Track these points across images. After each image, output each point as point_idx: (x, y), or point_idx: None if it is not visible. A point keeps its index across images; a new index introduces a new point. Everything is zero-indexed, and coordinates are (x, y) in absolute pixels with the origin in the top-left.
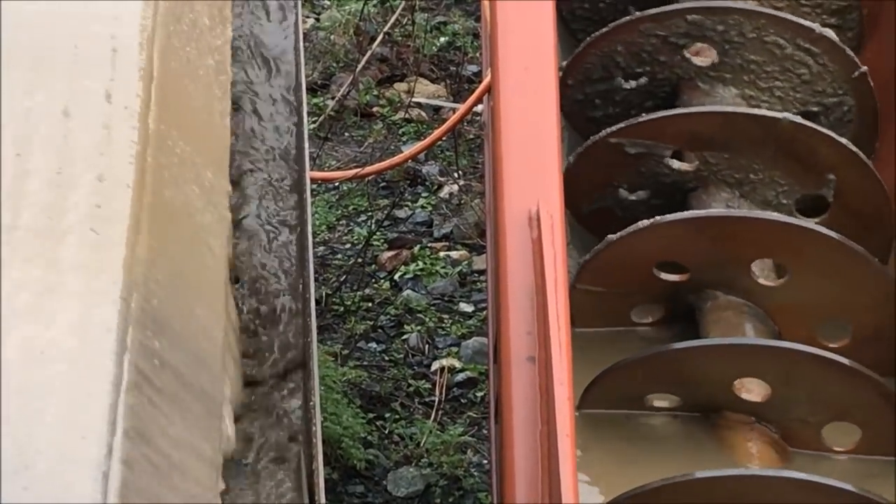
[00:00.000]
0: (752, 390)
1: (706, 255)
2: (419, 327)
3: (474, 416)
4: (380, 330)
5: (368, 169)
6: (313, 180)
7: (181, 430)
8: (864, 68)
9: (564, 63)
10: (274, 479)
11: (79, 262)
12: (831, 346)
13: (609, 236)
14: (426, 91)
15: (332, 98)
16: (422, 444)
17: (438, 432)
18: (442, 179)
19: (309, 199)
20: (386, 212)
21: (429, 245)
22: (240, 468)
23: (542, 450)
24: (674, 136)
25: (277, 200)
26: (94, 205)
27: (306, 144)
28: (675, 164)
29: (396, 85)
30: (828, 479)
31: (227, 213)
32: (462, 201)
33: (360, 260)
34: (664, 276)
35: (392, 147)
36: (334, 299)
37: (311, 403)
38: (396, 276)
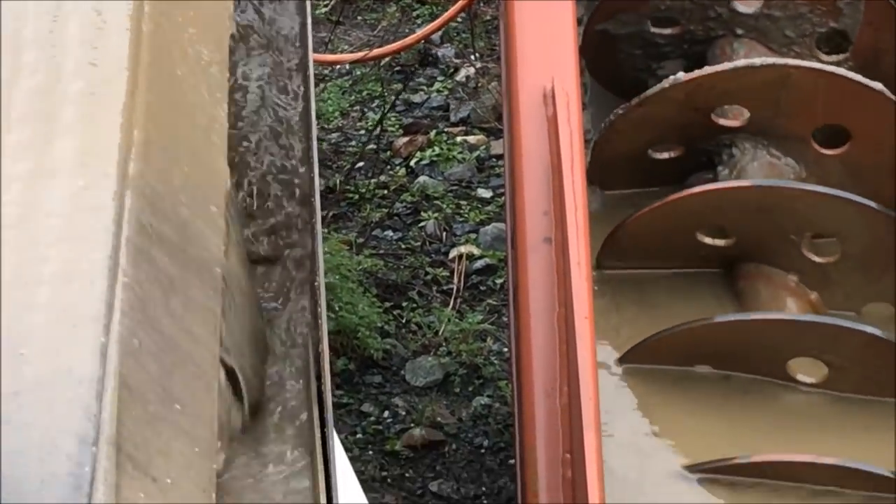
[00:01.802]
0: None
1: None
2: (436, 214)
3: (494, 303)
4: (396, 217)
5: (378, 51)
6: (323, 64)
7: (180, 310)
8: None
9: None
10: (281, 361)
11: (73, 146)
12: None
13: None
14: None
15: None
16: (440, 333)
17: (457, 320)
18: (458, 62)
19: (312, 81)
20: (400, 94)
21: (445, 130)
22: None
23: (560, 333)
24: None
25: (280, 83)
26: (88, 83)
27: (309, 22)
28: None
29: None
30: (853, 323)
31: (225, 92)
32: (479, 84)
33: (374, 146)
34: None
35: (406, 30)
36: (348, 186)
37: (316, 284)
38: (412, 163)
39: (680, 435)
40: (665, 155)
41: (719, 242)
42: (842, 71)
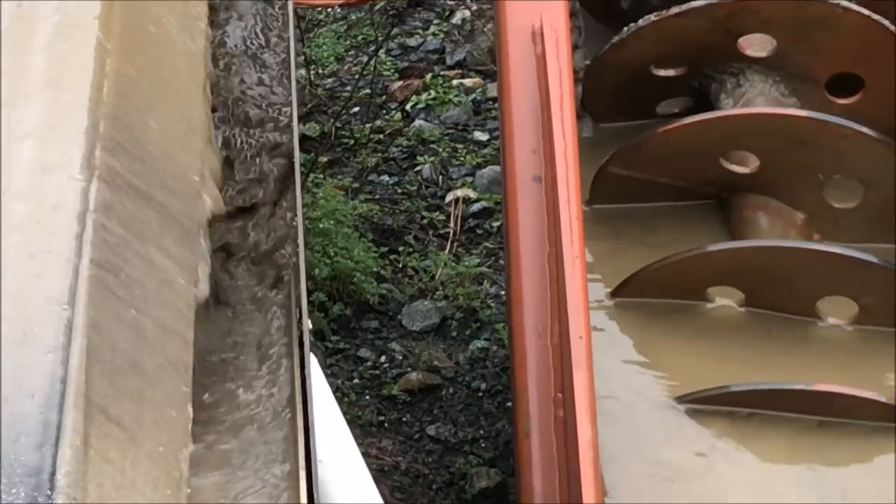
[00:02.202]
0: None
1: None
2: (432, 158)
3: (490, 246)
4: (391, 162)
5: None
6: (314, 6)
7: (153, 251)
8: None
9: None
10: (265, 301)
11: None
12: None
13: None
14: None
15: None
16: (437, 277)
17: (453, 264)
18: (453, 4)
19: (292, 20)
20: (394, 37)
21: (441, 73)
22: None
23: (551, 273)
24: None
25: (262, 22)
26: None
27: None
28: None
29: None
30: (844, 249)
31: (203, 25)
32: (474, 27)
33: (369, 90)
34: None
35: None
36: (343, 132)
37: (294, 223)
38: (408, 107)
39: (673, 367)
40: (665, 72)
41: (742, 169)
42: (887, 22)
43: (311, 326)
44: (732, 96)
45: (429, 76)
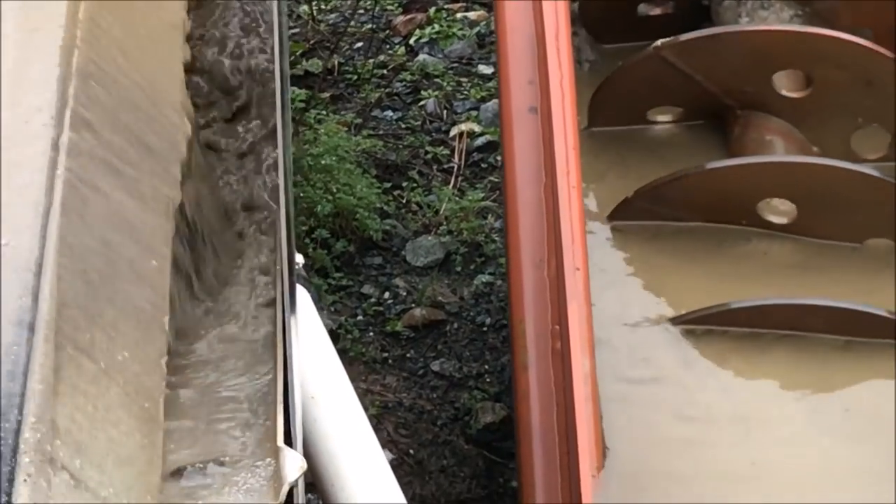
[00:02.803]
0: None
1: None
2: (436, 92)
3: (495, 180)
4: (395, 97)
5: None
6: None
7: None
8: None
9: None
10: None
11: None
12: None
13: None
14: None
15: None
16: (440, 212)
17: (457, 199)
18: None
19: None
20: None
21: (445, 7)
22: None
23: (547, 205)
24: None
25: None
26: None
27: None
28: None
29: None
30: (846, 164)
31: None
32: None
33: (372, 25)
34: None
35: None
36: (347, 68)
37: (274, 156)
38: (412, 41)
39: (676, 290)
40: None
41: (794, 95)
42: None
43: (302, 262)
44: (753, 17)
45: (432, 9)
